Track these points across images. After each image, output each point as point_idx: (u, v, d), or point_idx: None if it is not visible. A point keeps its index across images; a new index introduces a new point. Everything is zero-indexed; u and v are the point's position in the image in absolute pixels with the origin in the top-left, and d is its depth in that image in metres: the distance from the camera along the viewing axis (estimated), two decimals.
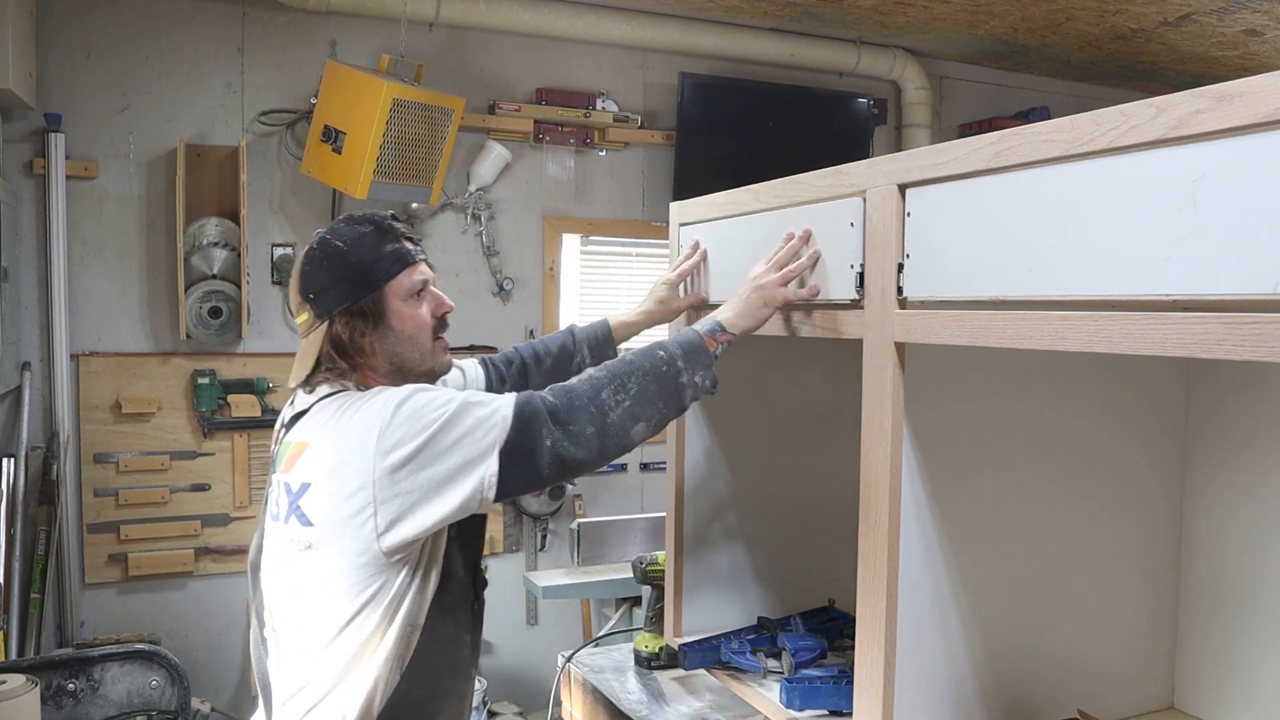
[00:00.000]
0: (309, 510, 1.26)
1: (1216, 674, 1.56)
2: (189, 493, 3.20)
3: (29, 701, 2.01)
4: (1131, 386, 1.55)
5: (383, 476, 1.22)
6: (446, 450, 1.23)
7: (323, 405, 1.33)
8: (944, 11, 3.59)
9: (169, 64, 3.15)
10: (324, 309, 1.35)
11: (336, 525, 1.24)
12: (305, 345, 1.38)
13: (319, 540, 1.25)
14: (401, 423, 1.23)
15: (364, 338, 1.35)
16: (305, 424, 1.32)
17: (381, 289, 1.36)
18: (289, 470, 1.30)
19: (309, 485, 1.27)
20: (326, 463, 1.26)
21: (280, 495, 1.31)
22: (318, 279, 1.36)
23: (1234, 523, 1.53)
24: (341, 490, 1.23)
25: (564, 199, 3.71)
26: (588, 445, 1.27)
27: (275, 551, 1.32)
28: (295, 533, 1.27)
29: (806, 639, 1.74)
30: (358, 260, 1.35)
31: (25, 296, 2.99)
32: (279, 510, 1.32)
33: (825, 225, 1.44)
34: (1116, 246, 0.97)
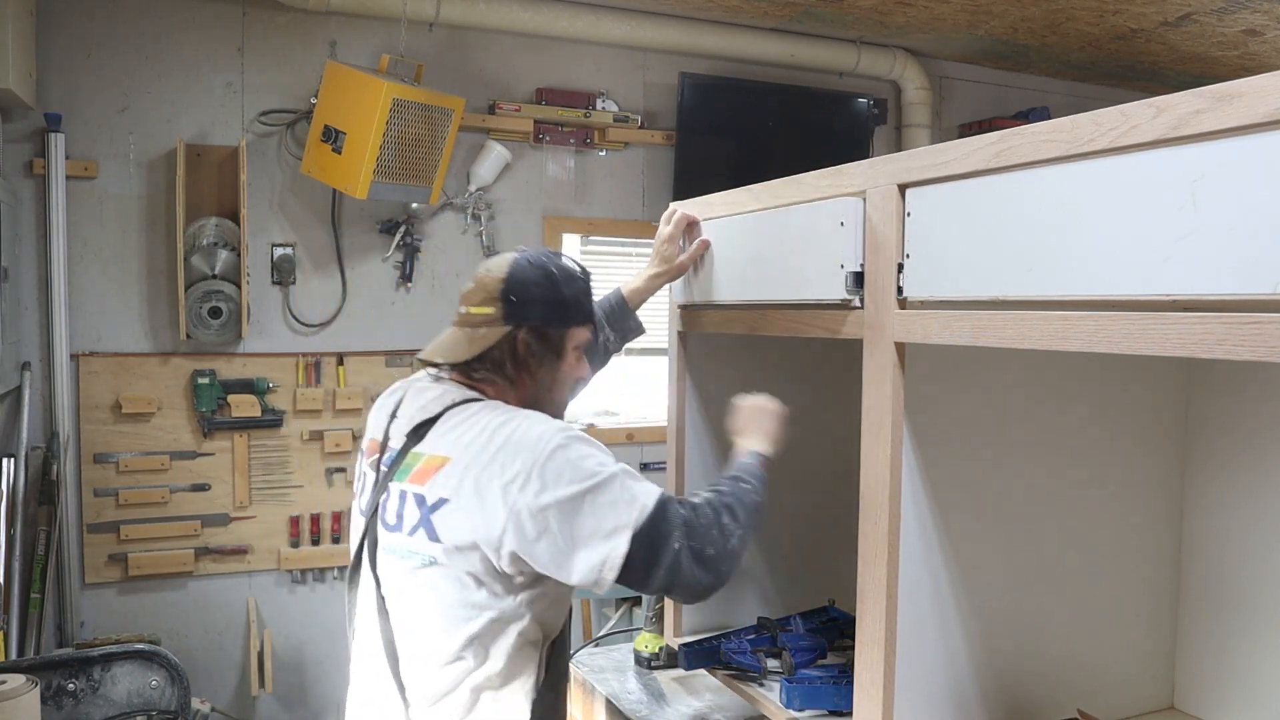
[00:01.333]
0: (441, 526, 1.26)
1: (1216, 674, 1.56)
2: (189, 493, 3.20)
3: (29, 701, 2.01)
4: (1132, 387, 1.55)
5: (525, 514, 1.21)
6: (590, 511, 1.22)
7: (458, 417, 1.32)
8: (944, 11, 3.59)
9: (169, 64, 3.15)
10: (516, 315, 1.39)
11: (465, 547, 1.25)
12: (469, 335, 1.40)
13: (445, 557, 1.26)
14: (559, 468, 1.22)
15: (535, 361, 1.40)
16: (439, 437, 1.31)
17: (569, 329, 1.42)
18: (424, 482, 1.29)
19: (446, 501, 1.26)
20: (470, 483, 1.25)
21: (408, 506, 1.30)
22: (524, 287, 1.40)
23: (1234, 523, 1.53)
24: (484, 512, 1.23)
25: (564, 199, 3.71)
26: (708, 566, 1.26)
27: (392, 561, 1.32)
28: (421, 546, 1.28)
29: (806, 639, 1.74)
30: (565, 293, 1.42)
31: (25, 296, 2.99)
32: (402, 521, 1.30)
33: (822, 225, 1.44)
34: (1116, 246, 0.97)
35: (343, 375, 3.37)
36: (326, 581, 3.40)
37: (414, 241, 3.44)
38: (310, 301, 3.36)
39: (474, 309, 1.42)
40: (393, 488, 1.34)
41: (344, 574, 3.37)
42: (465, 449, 1.27)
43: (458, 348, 1.41)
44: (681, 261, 1.78)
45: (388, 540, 1.33)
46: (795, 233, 1.51)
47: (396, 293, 3.46)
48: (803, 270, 1.47)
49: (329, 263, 3.37)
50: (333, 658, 3.41)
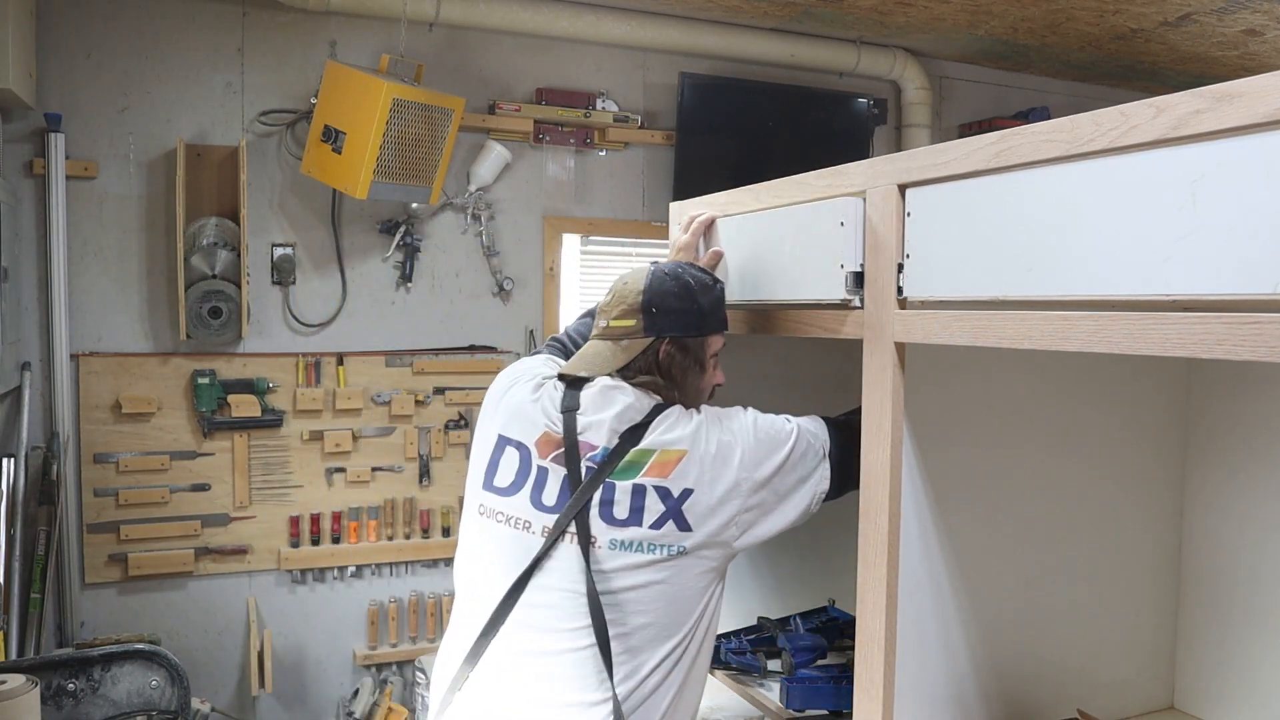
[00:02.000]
0: (690, 515, 1.35)
1: (1216, 674, 1.56)
2: (189, 493, 3.20)
3: (29, 701, 2.01)
4: (1132, 387, 1.55)
5: (749, 489, 1.37)
6: (794, 465, 1.41)
7: (674, 415, 1.41)
8: (944, 11, 3.59)
9: (169, 64, 3.15)
10: (658, 326, 1.46)
11: (710, 531, 1.35)
12: (613, 347, 1.47)
13: (692, 544, 1.34)
14: (761, 442, 1.40)
15: (679, 370, 1.47)
16: (667, 432, 1.39)
17: (706, 338, 1.50)
18: (667, 475, 1.36)
19: (692, 492, 1.35)
20: (708, 471, 1.36)
21: (649, 499, 1.35)
22: (665, 298, 1.46)
23: (1234, 522, 1.53)
24: (716, 499, 1.35)
25: (564, 199, 3.71)
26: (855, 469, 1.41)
27: (619, 556, 1.34)
28: (671, 537, 1.34)
29: (806, 639, 1.74)
30: (704, 302, 1.49)
31: (25, 296, 2.99)
32: (641, 514, 1.35)
33: (822, 225, 1.44)
34: (1116, 246, 0.97)
35: (343, 375, 3.37)
36: (326, 581, 3.39)
37: (414, 241, 3.44)
38: (310, 301, 3.35)
39: (615, 322, 1.49)
40: (617, 484, 1.36)
41: (344, 574, 3.39)
42: (696, 443, 1.38)
43: (605, 360, 1.47)
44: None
45: (619, 535, 1.35)
46: (795, 233, 1.51)
47: (396, 293, 3.46)
48: (803, 270, 1.47)
49: (329, 263, 3.37)
50: (333, 657, 3.42)
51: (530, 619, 1.36)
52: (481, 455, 1.49)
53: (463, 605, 1.45)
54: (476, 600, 1.41)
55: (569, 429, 1.42)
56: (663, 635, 1.34)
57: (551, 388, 1.49)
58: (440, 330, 3.52)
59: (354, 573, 3.42)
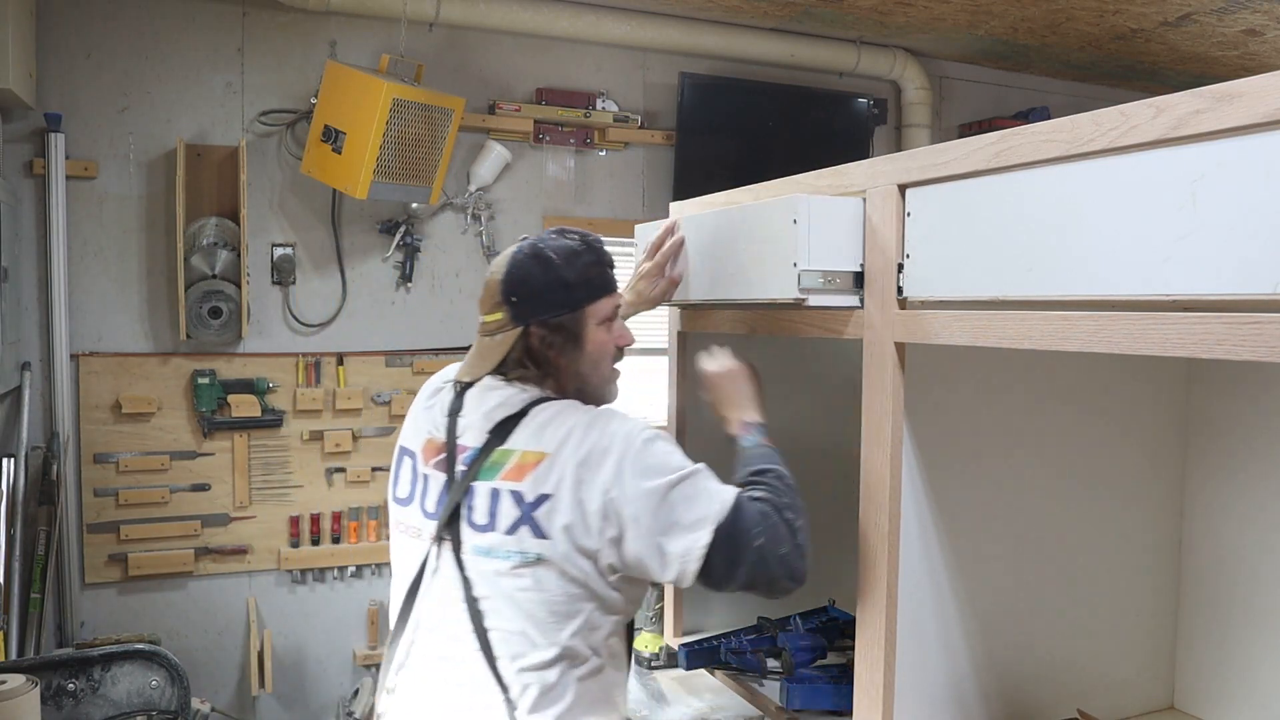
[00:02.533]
0: (545, 523, 1.26)
1: (1216, 674, 1.56)
2: (189, 493, 3.20)
3: (29, 701, 2.01)
4: (1132, 387, 1.55)
5: (617, 503, 1.24)
6: (675, 503, 1.24)
7: (546, 414, 1.32)
8: (944, 11, 3.59)
9: (169, 64, 3.15)
10: (522, 314, 1.37)
11: (571, 540, 1.25)
12: (489, 344, 1.40)
13: (550, 553, 1.26)
14: (649, 461, 1.26)
15: (556, 353, 1.38)
16: (529, 433, 1.31)
17: (583, 309, 1.39)
18: (522, 479, 1.28)
19: (549, 497, 1.26)
20: (569, 478, 1.26)
21: (502, 504, 1.29)
22: (522, 284, 1.38)
23: (1234, 523, 1.53)
24: (582, 506, 1.25)
25: (564, 199, 3.71)
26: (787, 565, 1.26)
27: (483, 562, 1.30)
28: (524, 544, 1.27)
29: (806, 639, 1.74)
30: (566, 276, 1.37)
31: (25, 296, 2.99)
32: (494, 519, 1.29)
33: (776, 224, 1.44)
34: (1116, 246, 0.97)
35: (343, 375, 3.37)
36: (326, 581, 3.40)
37: (414, 241, 3.44)
38: (310, 301, 3.35)
39: (486, 318, 1.41)
40: (479, 486, 1.31)
41: (344, 574, 3.40)
42: (560, 445, 1.28)
43: (482, 360, 1.41)
44: (653, 296, 1.75)
45: (479, 540, 1.30)
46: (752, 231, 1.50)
47: (396, 293, 3.46)
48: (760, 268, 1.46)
49: (329, 263, 3.37)
50: (333, 657, 3.42)
51: (427, 624, 1.37)
52: (392, 467, 1.49)
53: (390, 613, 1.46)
54: (394, 608, 1.42)
55: (450, 432, 1.38)
56: (538, 645, 1.28)
57: (447, 391, 1.45)
58: (440, 330, 3.52)
59: (354, 573, 3.42)
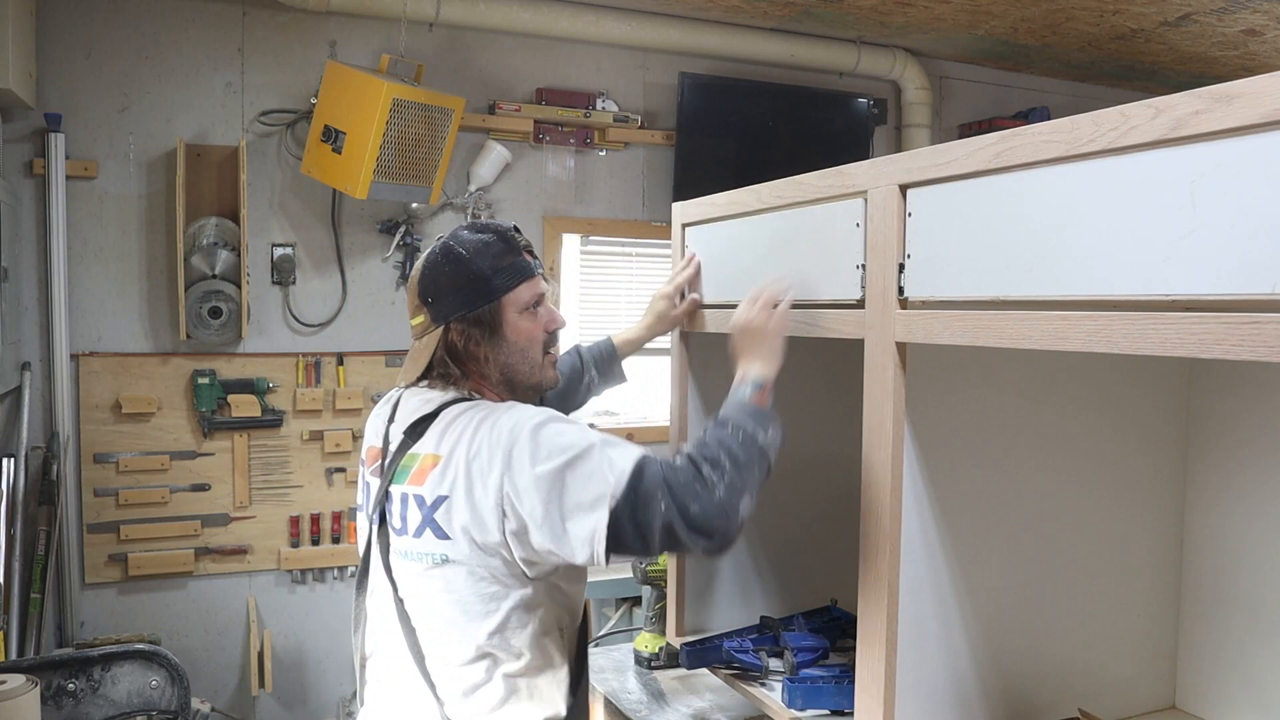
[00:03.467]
0: (445, 524, 1.28)
1: (1218, 674, 1.56)
2: (189, 493, 3.20)
3: (29, 701, 2.01)
4: (1132, 387, 1.55)
5: (513, 495, 1.23)
6: (572, 485, 1.21)
7: (450, 416, 1.33)
8: (944, 11, 3.59)
9: (169, 64, 3.15)
10: (441, 314, 1.38)
11: (472, 539, 1.26)
12: (419, 347, 1.41)
13: (455, 553, 1.28)
14: (537, 447, 1.23)
15: (478, 346, 1.38)
16: (433, 436, 1.32)
17: (499, 300, 1.39)
18: (422, 483, 1.30)
19: (445, 499, 1.28)
20: (462, 478, 1.27)
21: (410, 508, 1.31)
22: (437, 284, 1.39)
23: (1235, 522, 1.54)
24: (476, 505, 1.25)
25: (564, 199, 3.71)
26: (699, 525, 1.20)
27: (404, 565, 1.33)
28: (430, 546, 1.29)
29: (808, 638, 1.74)
30: (478, 269, 1.38)
31: (25, 296, 2.99)
32: (406, 523, 1.32)
33: (827, 226, 1.44)
34: (1116, 246, 0.97)
35: (343, 375, 3.38)
36: (326, 581, 3.40)
37: (414, 241, 3.44)
38: (310, 301, 3.36)
39: (413, 322, 1.44)
40: (394, 491, 1.34)
41: (344, 574, 3.40)
42: (454, 446, 1.29)
43: (414, 364, 1.42)
44: (674, 316, 1.83)
45: (398, 544, 1.34)
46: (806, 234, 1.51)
47: (396, 293, 3.46)
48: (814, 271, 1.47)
49: (329, 263, 3.37)
50: (333, 657, 3.42)
51: (371, 628, 1.41)
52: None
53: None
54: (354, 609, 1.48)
55: (386, 438, 1.41)
56: (457, 643, 1.30)
57: (390, 399, 1.48)
58: None
59: (354, 573, 3.41)
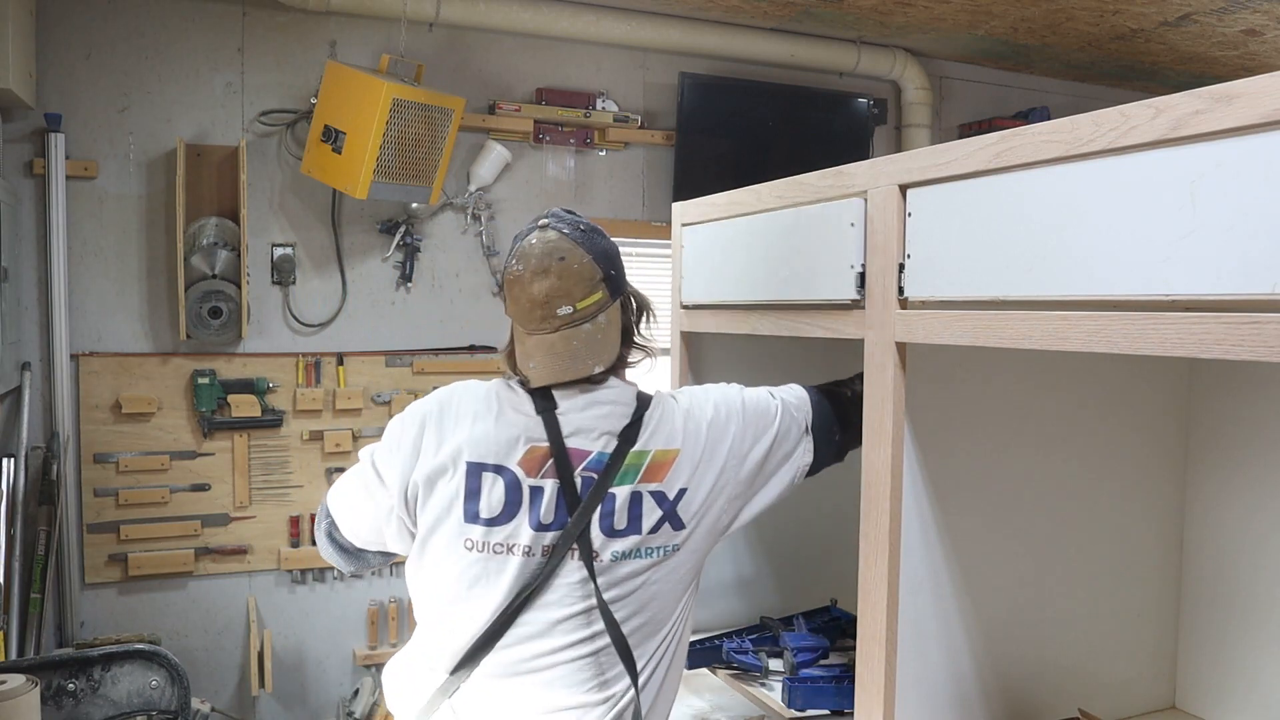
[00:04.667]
0: (684, 514, 1.33)
1: (1218, 674, 1.56)
2: (189, 493, 3.20)
3: (29, 701, 2.01)
4: (1132, 387, 1.55)
5: (738, 475, 1.37)
6: (780, 443, 1.41)
7: (658, 411, 1.36)
8: (944, 11, 3.59)
9: (169, 64, 3.15)
10: (618, 285, 1.38)
11: (706, 525, 1.35)
12: (595, 329, 1.32)
13: (687, 541, 1.34)
14: (750, 423, 1.39)
15: (638, 316, 1.43)
16: (657, 432, 1.34)
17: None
18: (662, 478, 1.32)
19: (686, 490, 1.33)
20: (698, 468, 1.34)
21: (646, 506, 1.31)
22: (608, 255, 1.37)
23: (1235, 522, 1.54)
24: (708, 491, 1.34)
25: (564, 199, 3.70)
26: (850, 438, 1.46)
27: (624, 565, 1.30)
28: (665, 539, 1.32)
29: (809, 638, 1.74)
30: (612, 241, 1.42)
31: (25, 296, 2.99)
32: (639, 521, 1.30)
33: (827, 226, 1.44)
34: (1116, 246, 0.97)
35: (342, 375, 3.37)
36: (326, 581, 3.40)
37: (414, 241, 3.44)
38: (310, 301, 3.35)
39: (580, 304, 1.32)
40: (617, 492, 1.30)
41: (344, 574, 3.39)
42: (687, 439, 1.35)
43: (602, 348, 1.33)
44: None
45: (618, 545, 1.30)
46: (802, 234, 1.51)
47: (396, 293, 3.46)
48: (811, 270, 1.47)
49: (329, 263, 3.37)
50: (332, 657, 3.42)
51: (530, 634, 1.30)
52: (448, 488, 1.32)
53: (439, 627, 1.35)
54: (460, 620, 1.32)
55: (554, 436, 1.30)
56: (654, 632, 1.34)
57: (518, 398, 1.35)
58: (440, 330, 3.53)
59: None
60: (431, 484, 1.32)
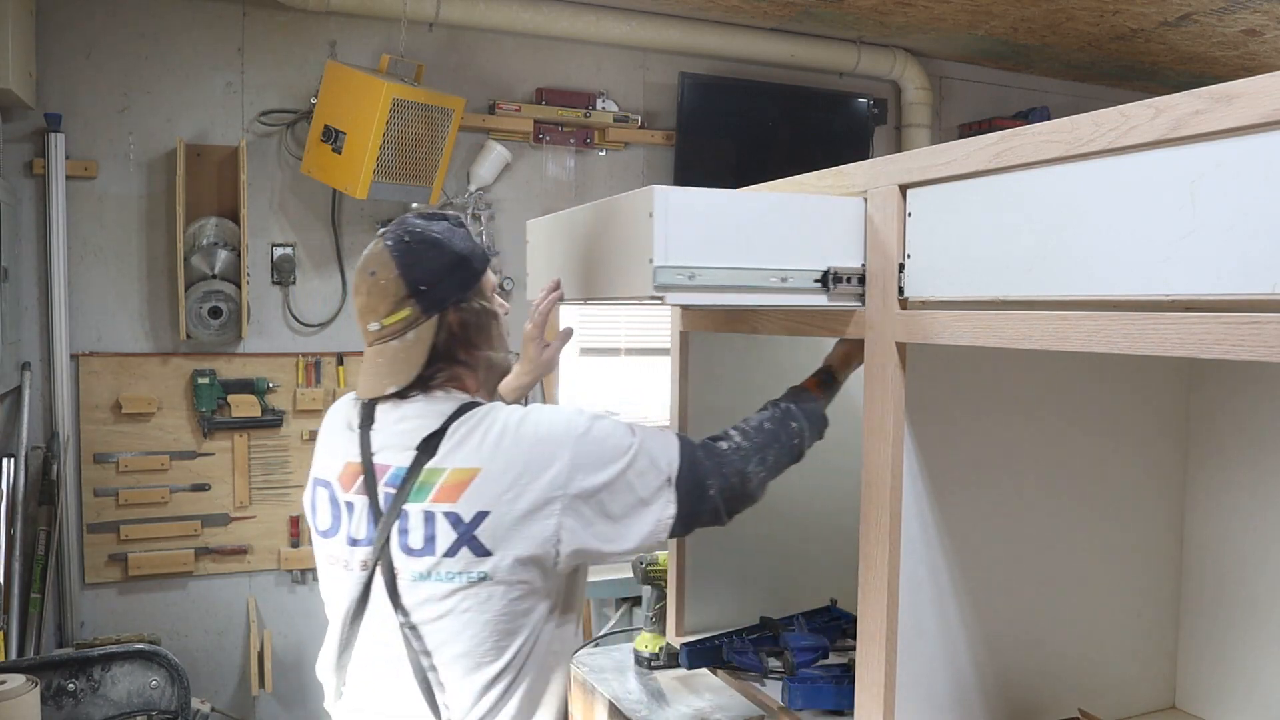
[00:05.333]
0: (487, 539, 1.21)
1: (1218, 674, 1.56)
2: (189, 493, 3.20)
3: (29, 701, 2.01)
4: (1132, 387, 1.55)
5: (566, 504, 1.22)
6: (629, 486, 1.25)
7: (468, 425, 1.26)
8: (944, 11, 3.59)
9: (169, 64, 3.15)
10: (436, 301, 1.29)
11: (517, 553, 1.22)
12: (401, 346, 1.30)
13: (494, 569, 1.22)
14: (588, 452, 1.24)
15: (475, 332, 1.34)
16: (459, 448, 1.25)
17: (482, 280, 1.35)
18: (456, 499, 1.22)
19: (487, 514, 1.21)
20: (507, 490, 1.21)
21: (439, 526, 1.23)
22: (425, 269, 1.29)
23: (1235, 522, 1.54)
24: (520, 517, 1.21)
25: (564, 199, 3.71)
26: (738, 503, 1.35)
27: (423, 588, 1.24)
28: (465, 564, 1.22)
29: (808, 638, 1.74)
30: (460, 250, 1.33)
31: (25, 296, 2.99)
32: (431, 543, 1.23)
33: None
34: (1116, 246, 0.97)
35: (342, 375, 3.38)
36: None
37: None
38: (310, 301, 3.36)
39: (387, 320, 1.30)
40: (411, 509, 1.25)
41: None
42: (493, 457, 1.23)
43: (402, 365, 1.30)
44: (547, 358, 1.68)
45: (415, 565, 1.25)
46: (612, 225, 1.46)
47: None
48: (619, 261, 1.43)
49: (329, 263, 3.37)
50: None
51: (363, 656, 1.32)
52: (307, 499, 1.41)
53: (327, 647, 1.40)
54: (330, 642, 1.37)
55: (365, 452, 1.30)
56: (479, 664, 1.25)
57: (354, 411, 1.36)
58: None
59: None
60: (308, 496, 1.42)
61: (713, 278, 1.26)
